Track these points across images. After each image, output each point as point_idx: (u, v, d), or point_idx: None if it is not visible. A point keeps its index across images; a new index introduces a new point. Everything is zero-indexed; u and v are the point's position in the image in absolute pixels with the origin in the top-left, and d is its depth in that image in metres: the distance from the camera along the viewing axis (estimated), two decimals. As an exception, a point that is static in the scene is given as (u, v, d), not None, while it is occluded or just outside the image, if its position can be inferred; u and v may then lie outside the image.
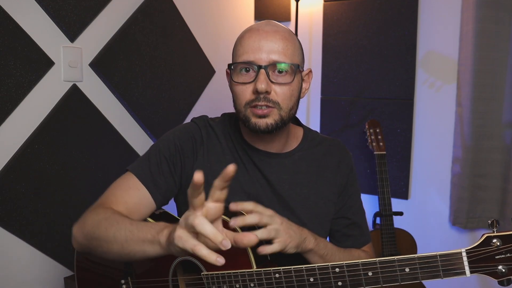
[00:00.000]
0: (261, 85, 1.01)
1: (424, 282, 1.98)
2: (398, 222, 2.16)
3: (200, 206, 0.76)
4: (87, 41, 1.62)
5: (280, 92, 1.05)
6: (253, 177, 1.15)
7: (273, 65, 1.03)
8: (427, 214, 2.34)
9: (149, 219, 1.11)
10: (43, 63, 1.48)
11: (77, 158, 1.61)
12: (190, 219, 0.75)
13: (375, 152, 2.14)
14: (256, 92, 1.03)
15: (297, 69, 1.07)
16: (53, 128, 1.53)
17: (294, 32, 2.32)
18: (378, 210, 2.11)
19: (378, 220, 2.12)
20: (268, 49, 1.03)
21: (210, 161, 1.14)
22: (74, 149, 1.60)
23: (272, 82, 1.04)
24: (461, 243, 2.14)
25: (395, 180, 2.34)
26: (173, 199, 1.20)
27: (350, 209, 1.22)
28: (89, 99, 1.65)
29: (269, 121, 1.05)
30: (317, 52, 2.56)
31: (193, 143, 1.14)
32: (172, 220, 1.14)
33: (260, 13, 2.53)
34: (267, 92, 1.03)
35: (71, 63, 1.56)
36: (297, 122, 1.27)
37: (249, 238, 0.79)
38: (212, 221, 0.77)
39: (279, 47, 1.04)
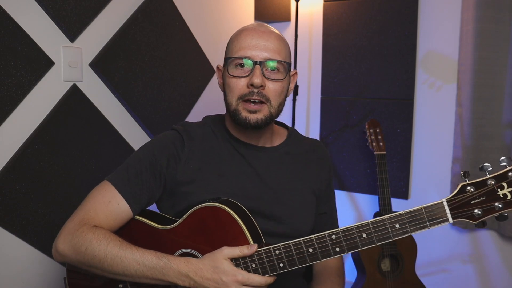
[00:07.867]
0: (257, 79, 1.07)
1: (422, 280, 1.98)
2: (398, 222, 2.16)
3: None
4: (87, 41, 1.62)
5: (272, 88, 1.11)
6: (241, 170, 1.17)
7: (267, 62, 1.10)
8: (427, 214, 2.33)
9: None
10: (43, 63, 1.48)
11: (77, 158, 1.61)
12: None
13: (375, 152, 2.14)
14: (250, 85, 1.08)
15: (289, 67, 1.14)
16: (53, 128, 1.53)
17: (294, 32, 2.32)
18: (378, 210, 2.11)
19: (378, 220, 2.11)
20: (263, 47, 1.10)
21: (193, 161, 1.15)
22: (74, 149, 1.60)
23: (266, 77, 1.10)
24: (461, 244, 2.14)
25: (395, 180, 2.34)
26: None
27: (328, 203, 1.31)
28: (89, 99, 1.65)
29: (260, 116, 1.10)
30: (317, 52, 2.56)
31: (174, 149, 1.15)
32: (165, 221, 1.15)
33: (260, 13, 2.52)
34: (262, 87, 1.09)
35: (71, 63, 1.56)
36: (283, 124, 1.33)
37: None
38: None
39: (273, 46, 1.11)
